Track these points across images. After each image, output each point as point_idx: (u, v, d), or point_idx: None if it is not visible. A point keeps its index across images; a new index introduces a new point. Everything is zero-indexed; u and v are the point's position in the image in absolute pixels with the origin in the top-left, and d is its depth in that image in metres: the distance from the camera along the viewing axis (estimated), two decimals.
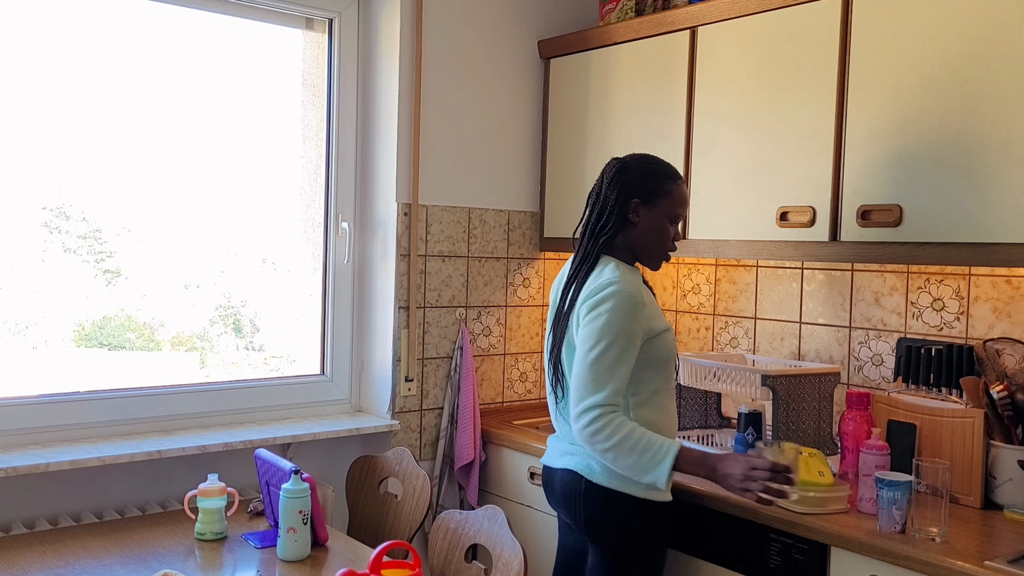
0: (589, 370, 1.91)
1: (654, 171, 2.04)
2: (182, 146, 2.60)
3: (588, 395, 1.90)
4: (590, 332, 1.93)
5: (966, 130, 1.96)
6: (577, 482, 2.02)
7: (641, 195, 2.02)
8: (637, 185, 2.02)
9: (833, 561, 1.91)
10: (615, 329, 1.91)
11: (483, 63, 2.94)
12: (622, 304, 1.92)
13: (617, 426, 1.88)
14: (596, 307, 1.93)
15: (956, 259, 1.98)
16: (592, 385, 1.90)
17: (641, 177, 2.03)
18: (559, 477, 2.08)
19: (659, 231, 2.04)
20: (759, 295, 2.80)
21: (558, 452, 2.12)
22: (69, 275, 2.47)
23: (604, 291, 1.94)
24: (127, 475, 2.41)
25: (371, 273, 2.86)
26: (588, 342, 1.93)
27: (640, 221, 2.03)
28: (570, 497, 2.04)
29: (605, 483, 1.98)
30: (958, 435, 2.08)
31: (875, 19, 2.12)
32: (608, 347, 1.91)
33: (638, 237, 2.04)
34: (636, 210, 2.02)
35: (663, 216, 2.03)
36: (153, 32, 2.52)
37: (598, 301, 1.93)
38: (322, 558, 2.04)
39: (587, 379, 1.91)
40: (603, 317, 1.92)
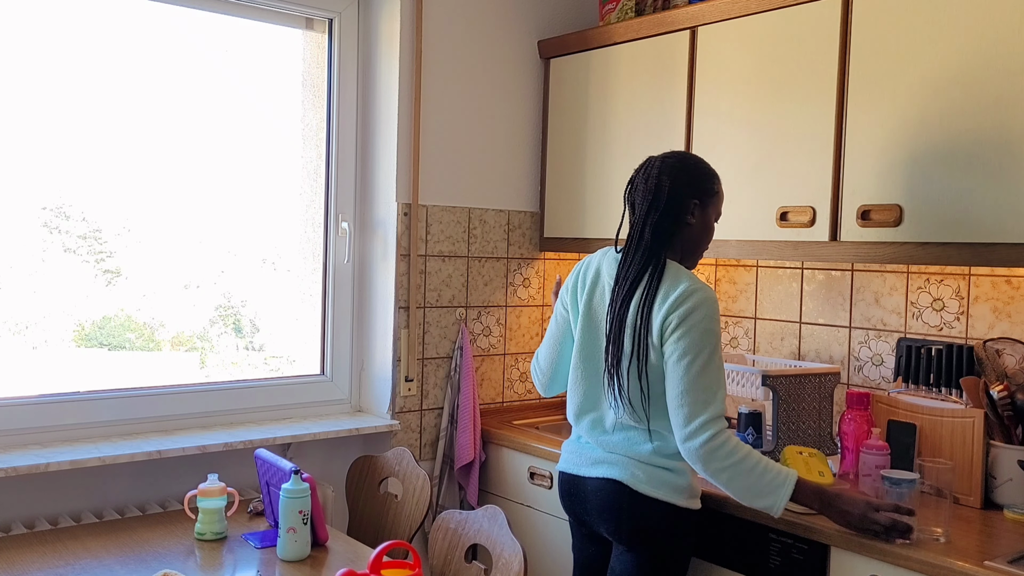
0: (698, 383, 1.84)
1: (708, 172, 2.02)
2: (182, 146, 2.60)
3: (703, 409, 1.83)
4: (690, 343, 1.85)
5: (966, 129, 1.96)
6: (620, 492, 1.96)
7: (700, 195, 1.99)
8: (698, 186, 1.98)
9: (833, 561, 1.91)
10: (714, 336, 1.86)
11: (483, 63, 2.94)
12: (712, 311, 1.88)
13: (736, 446, 1.83)
14: (689, 315, 1.86)
15: (956, 259, 1.98)
16: (705, 397, 1.83)
17: (700, 178, 1.99)
18: (594, 487, 2.02)
19: (708, 230, 2.03)
20: (759, 295, 2.80)
21: (588, 460, 2.04)
22: (69, 275, 2.47)
23: (692, 298, 1.87)
24: (127, 475, 2.41)
25: (371, 273, 2.87)
26: (690, 353, 1.85)
27: (695, 221, 1.99)
28: (613, 508, 1.98)
29: (651, 492, 1.94)
30: (958, 435, 2.08)
31: (875, 19, 2.12)
32: (711, 357, 1.85)
33: (691, 237, 2.01)
34: (693, 211, 1.98)
35: (712, 215, 2.03)
36: (153, 32, 2.52)
37: (690, 309, 1.86)
38: (322, 558, 2.04)
39: (698, 392, 1.84)
40: (701, 326, 1.85)
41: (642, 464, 1.96)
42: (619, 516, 1.97)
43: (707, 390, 1.84)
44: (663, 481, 1.94)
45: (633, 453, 1.97)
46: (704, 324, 1.86)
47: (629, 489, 1.95)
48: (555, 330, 2.19)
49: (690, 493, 1.97)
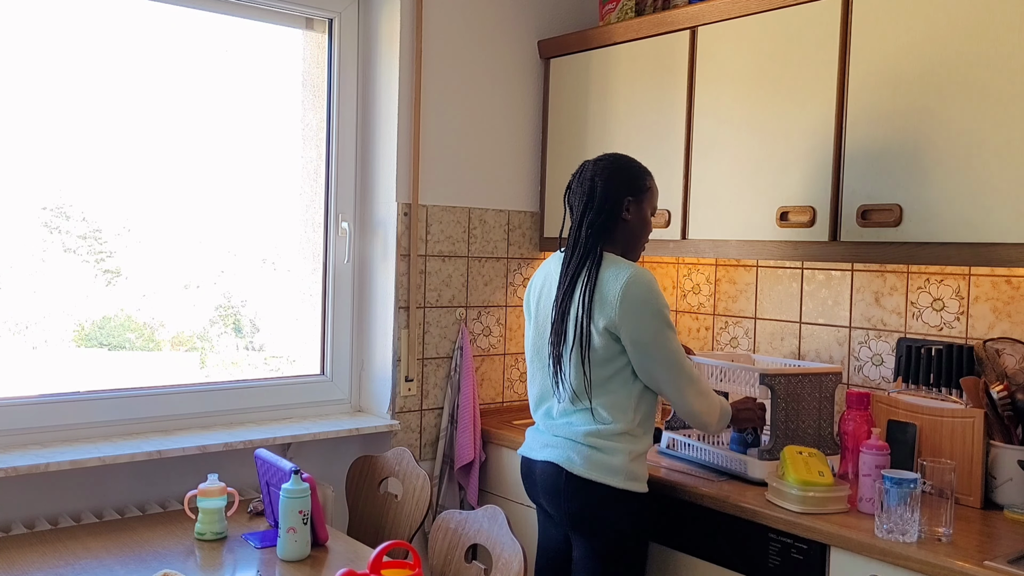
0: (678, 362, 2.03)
1: (639, 169, 2.16)
2: (182, 146, 2.60)
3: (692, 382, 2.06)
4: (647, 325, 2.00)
5: (966, 130, 1.96)
6: (558, 474, 2.07)
7: (633, 192, 2.12)
8: (629, 183, 2.13)
9: (833, 561, 1.91)
10: (663, 316, 2.02)
11: (483, 63, 2.94)
12: (656, 289, 2.03)
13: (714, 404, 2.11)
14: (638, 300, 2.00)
15: (956, 259, 1.98)
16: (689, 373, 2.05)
17: (632, 176, 2.14)
18: (540, 469, 2.14)
19: (645, 224, 2.17)
20: (759, 295, 2.80)
21: (539, 444, 2.17)
22: (69, 275, 2.47)
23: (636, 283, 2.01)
24: (127, 475, 2.41)
25: (371, 273, 2.86)
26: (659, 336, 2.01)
27: (631, 217, 2.13)
28: (553, 490, 2.09)
29: (585, 474, 2.03)
30: (958, 435, 2.08)
31: (875, 19, 2.12)
32: (672, 335, 2.04)
33: (629, 232, 2.14)
34: (628, 207, 2.12)
35: (647, 210, 2.16)
36: (153, 32, 2.52)
37: (636, 295, 2.00)
38: (322, 558, 2.04)
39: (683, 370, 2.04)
40: (650, 307, 2.01)
41: (578, 446, 2.06)
42: (559, 498, 2.08)
43: (688, 366, 2.05)
44: (597, 463, 2.03)
45: (572, 435, 2.08)
46: (653, 305, 2.01)
47: (566, 472, 2.06)
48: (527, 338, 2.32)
49: (628, 475, 2.03)
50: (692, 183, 2.57)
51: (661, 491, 2.25)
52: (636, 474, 2.05)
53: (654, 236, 2.67)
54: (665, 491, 2.24)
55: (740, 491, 2.14)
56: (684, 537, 2.22)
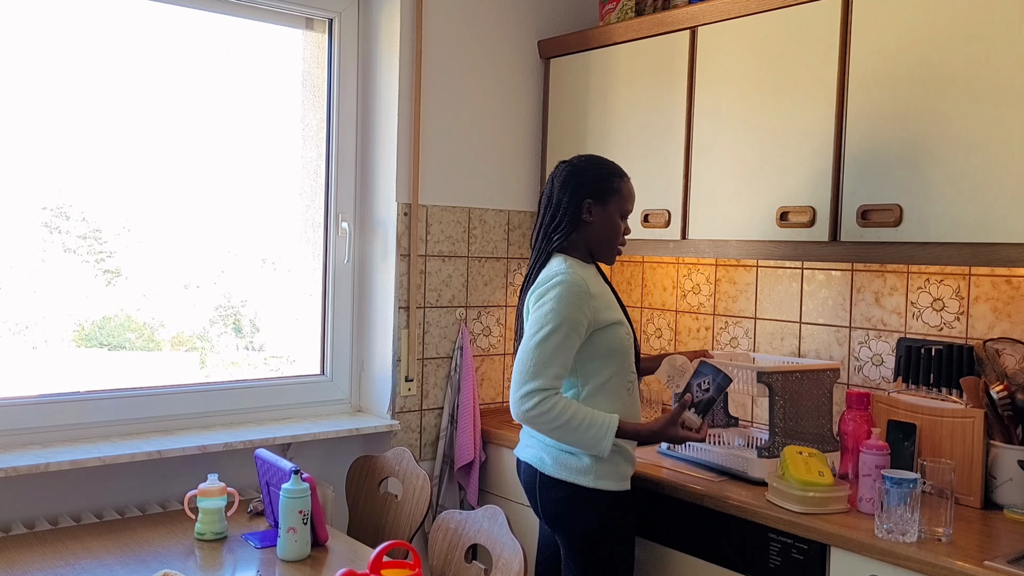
0: (531, 355, 1.99)
1: (603, 171, 2.14)
2: (182, 146, 2.60)
3: (529, 379, 1.97)
4: (535, 319, 2.02)
5: (966, 130, 1.96)
6: (533, 475, 2.11)
7: (594, 195, 2.11)
8: (589, 186, 2.11)
9: (833, 561, 1.91)
10: (559, 316, 1.99)
11: (483, 63, 2.94)
12: (566, 292, 2.00)
13: (561, 409, 1.96)
14: (542, 296, 2.03)
15: (956, 259, 1.98)
16: (533, 369, 1.97)
17: (592, 178, 2.12)
18: (521, 468, 2.20)
19: (612, 227, 2.13)
20: (759, 295, 2.80)
21: (523, 444, 2.22)
22: (69, 275, 2.47)
23: (550, 281, 2.03)
24: (127, 475, 2.41)
25: (371, 273, 2.86)
26: (532, 328, 2.01)
27: (594, 219, 2.12)
28: (530, 488, 2.15)
29: (556, 475, 2.06)
30: (958, 435, 2.08)
31: (875, 19, 2.12)
32: (551, 333, 1.98)
33: (592, 235, 2.13)
34: (590, 209, 2.11)
35: (614, 213, 2.13)
36: (153, 32, 2.52)
37: (544, 291, 2.02)
38: (322, 558, 2.04)
39: (528, 363, 1.99)
40: (547, 304, 2.00)
41: (548, 447, 2.10)
42: (534, 497, 2.14)
43: (537, 364, 1.97)
44: (564, 464, 2.06)
45: (541, 436, 2.10)
46: (552, 303, 2.00)
47: (538, 471, 2.10)
48: None
49: (597, 475, 2.04)
50: (692, 183, 2.56)
51: (661, 491, 2.25)
52: (608, 473, 2.06)
53: (654, 236, 2.67)
54: (666, 491, 2.24)
55: (740, 491, 2.14)
56: (684, 537, 2.22)
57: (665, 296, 3.11)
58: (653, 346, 3.14)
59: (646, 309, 3.16)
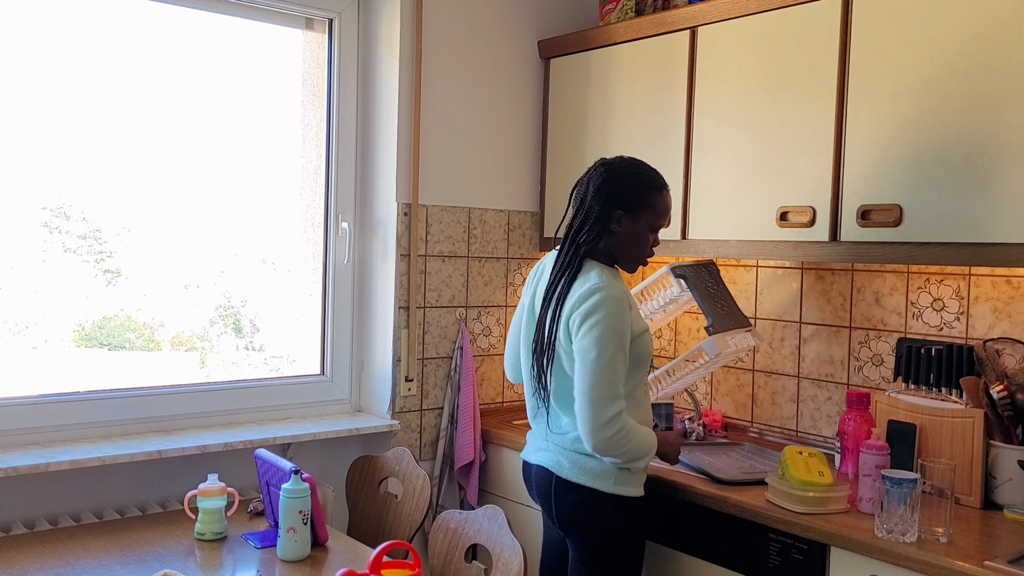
0: (600, 380, 1.93)
1: (641, 182, 2.06)
2: (182, 146, 2.60)
3: (607, 405, 1.92)
4: (591, 342, 1.94)
5: (966, 130, 1.96)
6: (549, 478, 2.08)
7: (626, 206, 2.04)
8: (624, 196, 2.03)
9: (833, 561, 1.91)
10: (615, 334, 1.94)
11: (483, 63, 2.94)
12: (614, 310, 1.95)
13: (629, 432, 1.95)
14: (590, 315, 1.95)
15: (956, 259, 1.98)
16: (607, 395, 1.92)
17: (629, 187, 2.04)
18: (534, 472, 2.16)
19: (639, 240, 2.07)
20: (759, 295, 2.80)
21: (533, 448, 2.19)
22: (69, 275, 2.47)
23: (593, 298, 1.96)
24: (127, 475, 2.41)
25: (371, 273, 2.86)
26: (592, 352, 1.94)
27: (622, 230, 2.05)
28: (545, 493, 2.11)
29: (574, 479, 2.04)
30: (958, 435, 2.08)
31: (875, 19, 2.12)
32: (613, 355, 1.94)
33: (618, 244, 2.07)
34: (619, 220, 2.04)
35: (644, 227, 2.07)
36: (153, 32, 2.52)
37: (591, 309, 1.95)
38: (322, 558, 2.04)
39: (600, 390, 1.92)
40: (600, 325, 1.94)
41: (567, 451, 2.06)
42: (549, 502, 2.09)
43: (609, 388, 1.93)
44: (584, 468, 2.03)
45: (560, 441, 2.08)
46: (605, 324, 1.93)
47: (555, 476, 2.06)
48: (515, 319, 2.30)
49: (617, 480, 2.02)
50: (692, 183, 2.56)
51: (661, 491, 2.25)
52: (626, 478, 2.04)
53: None
54: (666, 491, 2.24)
55: (740, 491, 2.14)
56: (684, 537, 2.22)
57: None
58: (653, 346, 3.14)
59: None
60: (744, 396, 2.83)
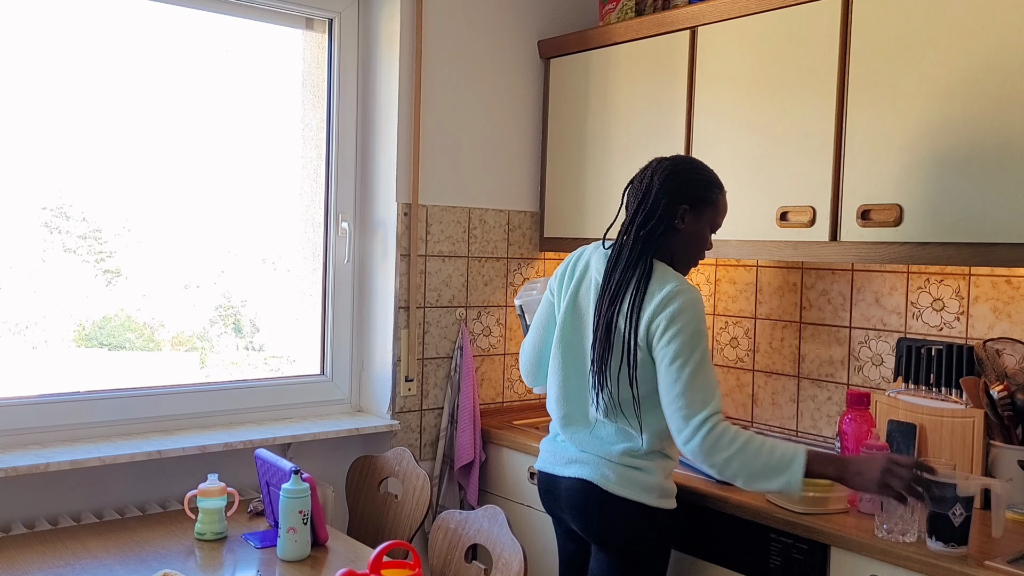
0: (693, 382, 1.85)
1: (705, 179, 2.01)
2: (182, 146, 2.60)
3: (702, 408, 1.83)
4: (681, 345, 1.86)
5: (966, 130, 1.96)
6: (591, 492, 1.99)
7: (691, 202, 1.97)
8: (689, 192, 1.97)
9: (833, 561, 1.91)
10: (701, 336, 1.88)
11: (483, 63, 2.94)
12: (698, 310, 1.89)
13: (736, 432, 1.82)
14: (676, 317, 1.87)
15: (956, 259, 1.98)
16: (702, 397, 1.84)
17: (693, 184, 1.98)
18: (567, 486, 2.05)
19: (701, 239, 2.02)
20: (759, 295, 2.80)
21: (563, 459, 2.07)
22: (69, 275, 2.47)
23: (679, 300, 1.88)
24: (127, 475, 2.41)
25: (371, 273, 2.86)
26: (682, 355, 1.86)
27: (685, 228, 1.99)
28: (583, 507, 2.01)
29: (620, 492, 1.96)
30: (958, 435, 2.08)
31: (875, 19, 2.12)
32: (703, 356, 1.87)
33: (680, 243, 2.00)
34: (683, 216, 1.97)
35: (706, 225, 2.02)
36: (153, 32, 2.52)
37: (677, 312, 1.87)
38: (322, 558, 2.04)
39: (695, 393, 1.84)
40: (689, 327, 1.87)
41: (613, 464, 1.98)
42: (589, 516, 2.00)
43: (704, 389, 1.84)
44: (633, 481, 1.96)
45: (605, 453, 2.00)
46: (693, 325, 1.87)
47: (600, 489, 1.97)
48: (542, 318, 2.20)
49: (661, 492, 1.98)
50: None
51: None
52: (669, 490, 2.01)
53: None
54: None
55: (740, 491, 2.14)
56: (684, 537, 2.22)
57: None
58: None
59: None
60: (744, 396, 2.83)
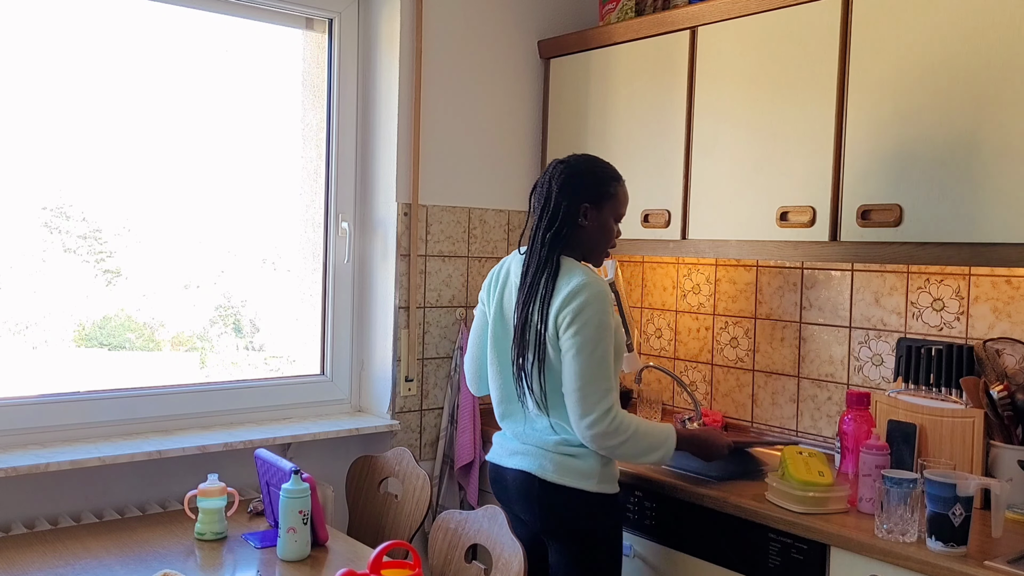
0: (594, 374, 1.94)
1: (602, 176, 2.10)
2: (182, 146, 2.60)
3: (600, 399, 1.93)
4: (584, 338, 1.94)
5: (966, 130, 1.96)
6: (532, 482, 2.06)
7: (591, 199, 2.07)
8: (588, 190, 2.07)
9: (833, 561, 1.91)
10: (604, 329, 1.96)
11: (483, 63, 2.94)
12: (603, 305, 1.97)
13: (626, 422, 1.95)
14: (581, 312, 1.95)
15: (956, 259, 1.98)
16: (600, 388, 1.94)
17: (591, 183, 2.08)
18: (511, 477, 2.12)
19: (605, 231, 2.11)
20: (759, 295, 2.80)
21: (507, 451, 2.15)
22: (69, 275, 2.47)
23: (583, 295, 1.96)
24: (127, 475, 2.41)
25: (371, 273, 2.87)
26: (585, 349, 1.94)
27: (590, 224, 2.08)
28: (527, 497, 2.08)
29: (559, 481, 2.03)
30: (958, 435, 2.08)
31: (875, 19, 2.12)
32: (605, 350, 1.96)
33: (587, 238, 2.09)
34: (586, 214, 2.07)
35: (608, 217, 2.10)
36: (153, 32, 2.52)
37: (582, 306, 1.95)
38: (322, 558, 2.04)
39: (594, 384, 1.94)
40: (593, 321, 1.95)
41: (550, 454, 2.05)
42: (532, 505, 2.07)
43: (602, 382, 1.94)
44: (570, 469, 2.03)
45: (542, 443, 2.07)
46: (596, 319, 1.95)
47: (539, 479, 2.05)
48: (478, 329, 2.29)
49: (600, 478, 2.03)
50: (692, 183, 2.56)
51: (661, 491, 2.25)
52: (608, 475, 2.06)
53: (654, 236, 2.67)
54: (666, 491, 2.24)
55: (740, 491, 2.14)
56: (684, 537, 2.22)
57: (665, 296, 3.11)
58: (653, 346, 3.14)
59: (646, 309, 3.16)
60: (744, 396, 2.83)
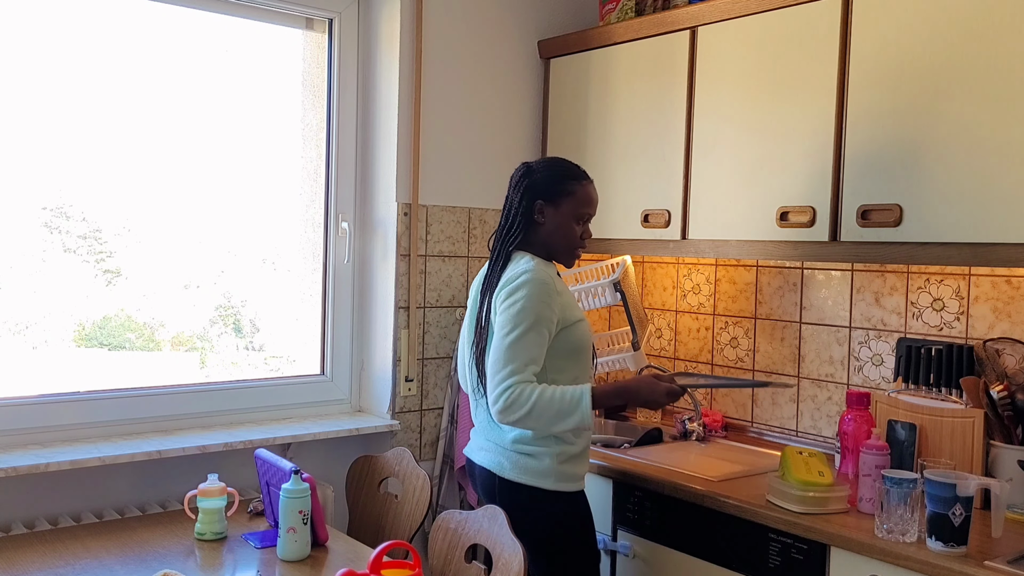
0: (505, 352, 1.96)
1: (558, 173, 2.13)
2: (182, 146, 2.60)
3: (500, 379, 1.94)
4: (506, 318, 1.98)
5: (967, 130, 1.96)
6: (492, 479, 2.10)
7: (545, 196, 2.09)
8: (542, 187, 2.10)
9: (833, 561, 1.91)
10: (532, 313, 1.97)
11: (483, 63, 2.94)
12: (536, 291, 1.99)
13: (529, 392, 1.93)
14: (511, 295, 1.99)
15: (956, 259, 1.98)
16: (508, 366, 1.95)
17: (546, 179, 2.11)
18: (478, 472, 2.18)
19: (565, 229, 2.11)
20: (759, 295, 2.80)
21: (476, 446, 2.20)
22: (69, 275, 2.47)
23: (518, 279, 2.01)
24: (127, 475, 2.41)
25: (371, 273, 2.86)
26: (505, 328, 1.98)
27: (546, 221, 2.10)
28: (489, 494, 2.12)
29: (516, 479, 2.05)
30: (958, 435, 2.08)
31: (875, 19, 2.12)
32: (525, 330, 1.97)
33: (546, 236, 2.11)
34: (541, 211, 2.10)
35: (568, 215, 2.11)
36: (153, 32, 2.52)
37: (513, 289, 2.00)
38: (322, 558, 2.04)
39: (502, 361, 1.96)
40: (519, 303, 1.98)
41: (507, 452, 2.08)
42: (494, 502, 2.09)
43: (513, 359, 1.94)
44: (525, 467, 2.05)
45: (500, 440, 2.10)
46: (523, 302, 1.98)
47: (497, 477, 2.08)
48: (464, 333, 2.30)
49: (557, 477, 2.05)
50: (692, 183, 2.56)
51: (661, 491, 2.25)
52: (567, 474, 2.07)
53: (654, 236, 2.67)
54: (665, 491, 2.24)
55: (740, 491, 2.14)
56: (684, 537, 2.22)
57: (665, 296, 3.11)
58: (653, 346, 3.14)
59: (646, 309, 3.16)
60: (744, 396, 2.83)
